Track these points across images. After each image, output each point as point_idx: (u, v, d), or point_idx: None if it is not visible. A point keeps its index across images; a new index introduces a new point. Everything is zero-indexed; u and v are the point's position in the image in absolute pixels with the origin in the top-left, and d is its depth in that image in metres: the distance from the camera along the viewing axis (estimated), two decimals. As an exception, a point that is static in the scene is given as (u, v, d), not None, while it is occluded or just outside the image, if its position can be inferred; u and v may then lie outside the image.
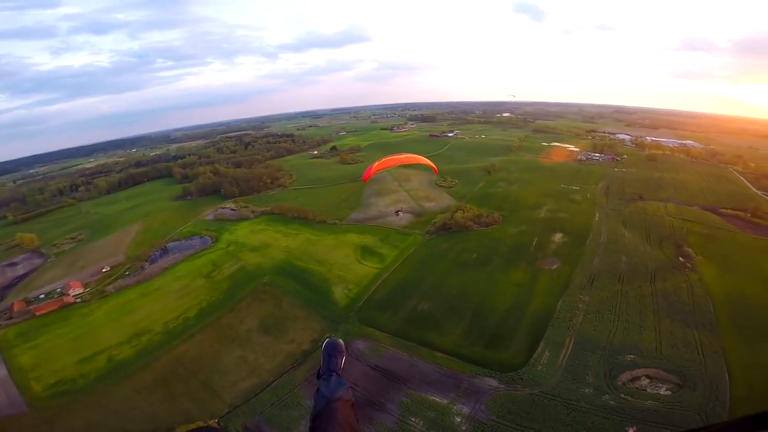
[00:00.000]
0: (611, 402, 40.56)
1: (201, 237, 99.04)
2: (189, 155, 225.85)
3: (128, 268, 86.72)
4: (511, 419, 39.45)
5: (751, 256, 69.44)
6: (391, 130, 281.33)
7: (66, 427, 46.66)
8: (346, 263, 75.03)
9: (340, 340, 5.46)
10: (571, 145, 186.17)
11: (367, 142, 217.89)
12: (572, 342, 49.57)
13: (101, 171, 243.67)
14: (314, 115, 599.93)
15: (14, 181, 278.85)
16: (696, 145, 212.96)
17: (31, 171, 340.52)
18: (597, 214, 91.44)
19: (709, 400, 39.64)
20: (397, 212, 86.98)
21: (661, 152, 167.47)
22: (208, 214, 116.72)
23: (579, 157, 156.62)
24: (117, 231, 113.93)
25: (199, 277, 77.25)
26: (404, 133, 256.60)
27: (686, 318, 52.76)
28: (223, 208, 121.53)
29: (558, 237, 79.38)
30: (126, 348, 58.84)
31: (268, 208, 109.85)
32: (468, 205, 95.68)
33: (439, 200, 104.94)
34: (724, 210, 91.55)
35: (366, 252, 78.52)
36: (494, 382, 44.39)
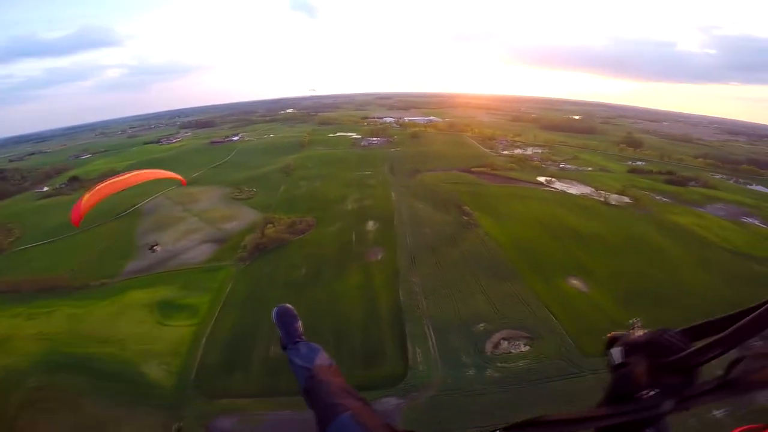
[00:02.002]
0: (496, 374, 43.50)
1: None
2: None
3: None
4: (431, 429, 37.18)
5: (507, 202, 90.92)
6: (158, 142, 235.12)
7: None
8: (142, 332, 55.55)
9: (288, 305, 4.83)
10: (353, 133, 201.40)
11: (127, 162, 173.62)
12: (431, 330, 51.20)
13: None
14: (37, 138, 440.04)
15: None
16: (437, 119, 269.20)
17: None
18: (393, 194, 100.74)
19: (560, 344, 47.03)
20: (152, 247, 70.83)
21: (418, 129, 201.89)
22: None
23: (362, 143, 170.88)
24: None
25: None
26: (177, 144, 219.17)
27: (495, 272, 62.90)
28: None
29: (371, 225, 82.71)
30: None
31: (-26, 294, 70.98)
32: (277, 215, 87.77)
33: (241, 217, 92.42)
34: (474, 169, 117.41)
35: (167, 309, 60.32)
36: (394, 400, 41.47)
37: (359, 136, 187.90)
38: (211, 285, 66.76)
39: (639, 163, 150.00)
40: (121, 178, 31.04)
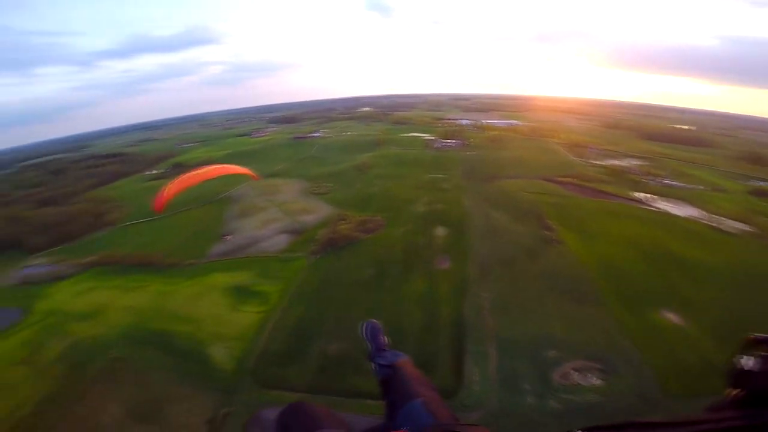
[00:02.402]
0: (557, 405, 39.51)
1: (3, 309, 68.71)
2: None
3: None
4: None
5: (597, 219, 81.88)
6: (249, 135, 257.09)
7: None
8: (218, 314, 60.07)
9: (375, 320, 5.89)
10: (427, 134, 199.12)
11: (223, 152, 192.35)
12: (494, 349, 47.83)
13: None
14: (150, 127, 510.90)
15: None
16: (519, 123, 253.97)
17: None
18: (466, 200, 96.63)
19: (637, 379, 41.57)
20: (224, 237, 75.64)
21: (497, 133, 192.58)
22: (10, 277, 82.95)
23: (436, 145, 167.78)
24: None
25: (15, 364, 52.62)
26: (265, 138, 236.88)
27: (576, 295, 56.76)
28: (29, 266, 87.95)
29: (441, 231, 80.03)
30: None
31: (96, 258, 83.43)
32: (349, 212, 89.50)
33: (318, 211, 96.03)
34: (559, 179, 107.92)
35: (242, 294, 64.53)
36: (445, 415, 39.43)
37: (433, 138, 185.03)
38: (284, 274, 69.86)
39: (763, 183, 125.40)
40: (199, 171, 33.12)
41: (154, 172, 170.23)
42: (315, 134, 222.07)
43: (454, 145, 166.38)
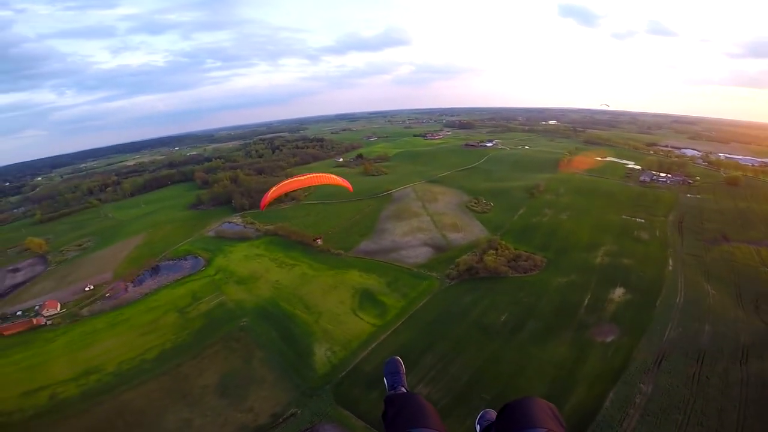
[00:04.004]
0: None
1: (195, 258, 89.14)
2: (216, 158, 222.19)
3: (110, 289, 78.26)
4: None
5: None
6: (424, 136, 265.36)
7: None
8: (338, 313, 60.91)
9: (398, 358, 5.69)
10: (630, 161, 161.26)
11: (397, 150, 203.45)
12: None
13: (136, 170, 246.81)
14: (351, 118, 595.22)
15: (61, 176, 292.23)
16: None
17: (82, 166, 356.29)
18: (671, 261, 71.47)
19: None
20: (315, 240, 78.58)
21: (739, 174, 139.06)
22: (213, 228, 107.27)
23: (642, 177, 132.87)
24: (119, 242, 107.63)
25: (173, 311, 67.08)
26: (438, 141, 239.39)
27: None
28: (228, 222, 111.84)
29: (619, 293, 61.12)
30: (72, 386, 51.77)
31: (272, 228, 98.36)
32: (503, 241, 78.18)
33: (469, 230, 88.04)
34: None
35: (366, 299, 63.76)
36: None
37: (638, 167, 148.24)
38: (411, 292, 65.72)
39: None
40: (300, 178, 35.78)
41: (340, 160, 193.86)
42: (487, 144, 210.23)
43: (669, 181, 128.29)
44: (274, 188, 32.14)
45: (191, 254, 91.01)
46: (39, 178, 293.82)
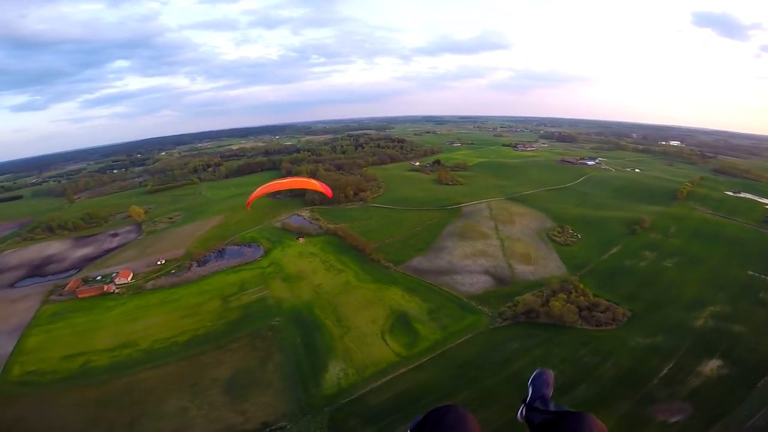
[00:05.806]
0: None
1: (257, 246, 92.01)
2: (304, 151, 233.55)
3: (177, 266, 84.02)
4: None
5: None
6: (514, 147, 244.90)
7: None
8: (366, 333, 55.70)
9: (550, 372, 5.08)
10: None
11: (478, 160, 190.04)
12: None
13: (236, 154, 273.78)
14: (438, 120, 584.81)
15: (179, 153, 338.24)
16: None
17: (198, 145, 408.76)
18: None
19: None
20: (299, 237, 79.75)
21: None
22: (281, 219, 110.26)
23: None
24: (201, 220, 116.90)
25: (218, 298, 68.95)
26: (529, 153, 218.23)
27: None
28: (297, 215, 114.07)
29: (713, 366, 46.39)
30: (105, 357, 55.91)
31: (334, 227, 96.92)
32: (582, 284, 64.49)
33: (543, 264, 75.03)
34: None
35: (399, 324, 57.29)
36: None
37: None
38: (451, 325, 57.62)
39: None
40: (282, 182, 40.26)
41: (416, 164, 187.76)
42: (588, 162, 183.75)
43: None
44: (259, 189, 33.52)
45: (255, 242, 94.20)
46: (163, 153, 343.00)
